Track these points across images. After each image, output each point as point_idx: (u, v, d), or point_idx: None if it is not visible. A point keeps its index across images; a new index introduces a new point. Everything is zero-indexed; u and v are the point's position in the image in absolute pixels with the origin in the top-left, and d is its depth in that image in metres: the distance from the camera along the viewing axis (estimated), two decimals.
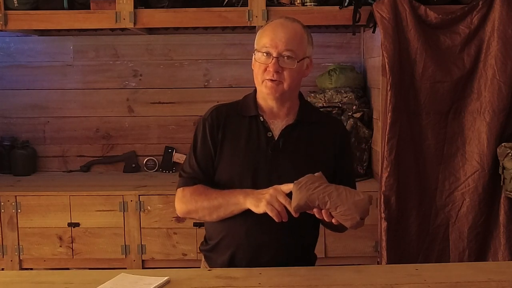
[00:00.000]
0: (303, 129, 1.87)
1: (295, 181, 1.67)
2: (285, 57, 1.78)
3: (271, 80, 1.79)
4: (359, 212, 1.62)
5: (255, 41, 1.86)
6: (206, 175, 1.87)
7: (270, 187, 1.72)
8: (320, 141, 1.87)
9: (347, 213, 1.62)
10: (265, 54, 1.80)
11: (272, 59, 1.78)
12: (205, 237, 1.97)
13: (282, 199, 1.68)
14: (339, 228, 1.88)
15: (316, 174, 1.69)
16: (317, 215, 1.67)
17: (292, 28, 1.82)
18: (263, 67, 1.80)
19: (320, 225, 1.95)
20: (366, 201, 1.63)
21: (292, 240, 1.84)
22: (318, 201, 1.63)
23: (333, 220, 1.66)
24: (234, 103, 1.94)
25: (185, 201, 1.86)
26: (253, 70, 1.86)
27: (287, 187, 1.69)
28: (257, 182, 1.77)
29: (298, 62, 1.80)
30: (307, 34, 1.85)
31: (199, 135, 1.89)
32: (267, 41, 1.80)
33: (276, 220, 1.68)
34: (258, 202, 1.70)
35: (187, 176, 1.89)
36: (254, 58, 1.84)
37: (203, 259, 1.98)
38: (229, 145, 1.85)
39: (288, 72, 1.79)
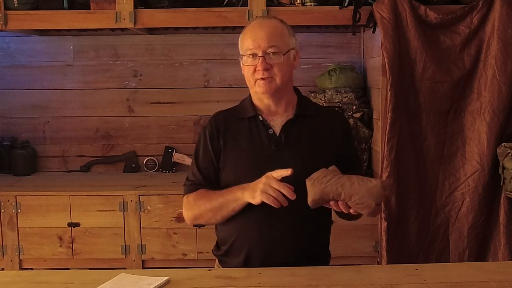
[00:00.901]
0: (303, 123, 1.89)
1: (307, 178, 1.68)
2: (271, 53, 1.82)
3: (263, 79, 1.82)
4: (374, 198, 1.63)
5: (239, 46, 1.90)
6: (208, 181, 1.90)
7: (262, 176, 1.73)
8: (321, 133, 1.90)
9: (362, 201, 1.64)
10: (251, 56, 1.84)
11: (259, 58, 1.82)
12: (217, 242, 1.99)
13: (276, 185, 1.69)
14: (352, 216, 1.89)
15: (329, 168, 1.71)
16: (334, 208, 1.70)
17: (270, 25, 1.86)
18: (252, 69, 1.84)
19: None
20: (379, 186, 1.65)
21: (304, 235, 1.85)
22: (332, 193, 1.65)
23: (351, 211, 1.68)
24: (231, 109, 1.98)
25: (190, 208, 1.89)
26: (244, 75, 1.89)
27: (277, 173, 1.71)
28: None
29: (284, 55, 1.83)
30: (286, 27, 1.89)
31: (201, 143, 1.94)
32: (250, 43, 1.84)
33: (275, 206, 1.69)
34: (254, 193, 1.73)
35: (190, 183, 1.93)
36: (242, 63, 1.87)
37: (216, 262, 1.99)
38: (232, 148, 1.88)
39: (277, 67, 1.82)
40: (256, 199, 1.72)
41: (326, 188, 1.65)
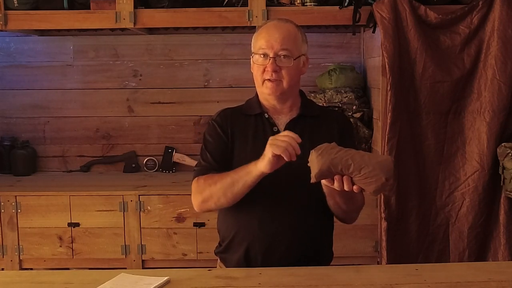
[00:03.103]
0: (306, 122, 1.92)
1: (313, 149, 1.64)
2: (282, 56, 1.85)
3: (270, 80, 1.85)
4: (384, 172, 1.58)
5: (252, 44, 1.93)
6: (221, 165, 1.87)
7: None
8: (324, 132, 1.92)
9: (372, 174, 1.58)
10: (262, 56, 1.86)
11: (269, 59, 1.84)
12: (219, 241, 2.00)
13: (283, 137, 1.68)
14: (347, 217, 1.90)
15: (331, 144, 1.66)
16: (337, 183, 1.64)
17: (285, 28, 1.89)
18: (262, 68, 1.86)
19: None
20: (390, 161, 1.61)
21: (305, 230, 1.85)
22: (341, 164, 1.59)
23: (354, 188, 1.63)
24: (238, 107, 2.01)
25: (200, 190, 1.84)
26: (252, 73, 1.91)
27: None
28: (268, 177, 1.75)
29: (294, 60, 1.86)
30: (300, 32, 1.92)
31: (210, 133, 1.93)
32: (263, 42, 1.86)
33: (286, 159, 1.66)
34: (264, 157, 1.69)
35: (201, 167, 1.90)
36: (252, 61, 1.90)
37: (218, 261, 1.99)
38: (238, 142, 1.90)
39: (286, 71, 1.85)
40: (267, 156, 1.67)
41: (335, 158, 1.59)
